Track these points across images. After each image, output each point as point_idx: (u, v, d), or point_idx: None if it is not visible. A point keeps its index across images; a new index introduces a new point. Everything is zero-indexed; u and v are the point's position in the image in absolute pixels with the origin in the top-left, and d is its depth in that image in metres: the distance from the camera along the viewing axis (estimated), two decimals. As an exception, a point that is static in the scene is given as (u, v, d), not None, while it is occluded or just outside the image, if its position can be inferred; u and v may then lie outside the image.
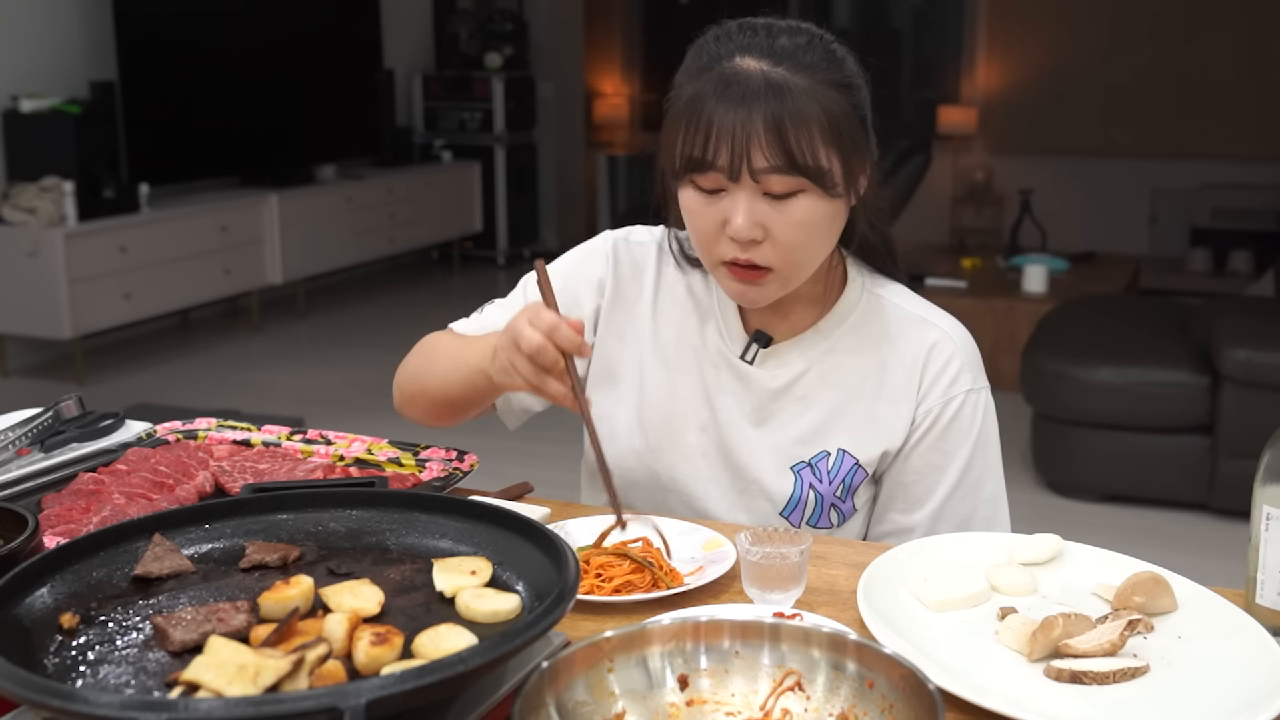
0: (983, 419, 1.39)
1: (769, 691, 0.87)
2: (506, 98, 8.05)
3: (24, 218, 5.17)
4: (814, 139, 1.20)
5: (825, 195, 1.23)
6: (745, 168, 1.20)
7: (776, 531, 1.09)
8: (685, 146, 1.22)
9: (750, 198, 1.22)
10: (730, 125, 1.19)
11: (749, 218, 1.22)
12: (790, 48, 1.23)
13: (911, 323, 1.39)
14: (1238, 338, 3.80)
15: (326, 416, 4.51)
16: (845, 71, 1.26)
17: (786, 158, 1.19)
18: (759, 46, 1.22)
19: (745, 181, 1.21)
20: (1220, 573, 1.40)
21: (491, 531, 1.00)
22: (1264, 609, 1.04)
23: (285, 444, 1.44)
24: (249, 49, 6.48)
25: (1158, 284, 7.08)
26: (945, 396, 1.37)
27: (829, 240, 1.30)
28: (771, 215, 1.23)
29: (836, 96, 1.23)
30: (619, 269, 1.45)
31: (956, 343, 1.38)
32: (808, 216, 1.23)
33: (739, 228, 1.22)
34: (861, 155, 1.28)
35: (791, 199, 1.22)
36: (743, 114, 1.19)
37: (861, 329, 1.39)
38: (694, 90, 1.22)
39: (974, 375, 1.39)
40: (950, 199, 8.30)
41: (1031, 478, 4.29)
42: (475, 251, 8.24)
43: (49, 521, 1.20)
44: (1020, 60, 8.18)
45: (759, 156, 1.19)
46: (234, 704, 0.70)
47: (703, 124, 1.20)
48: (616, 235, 1.48)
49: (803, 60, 1.22)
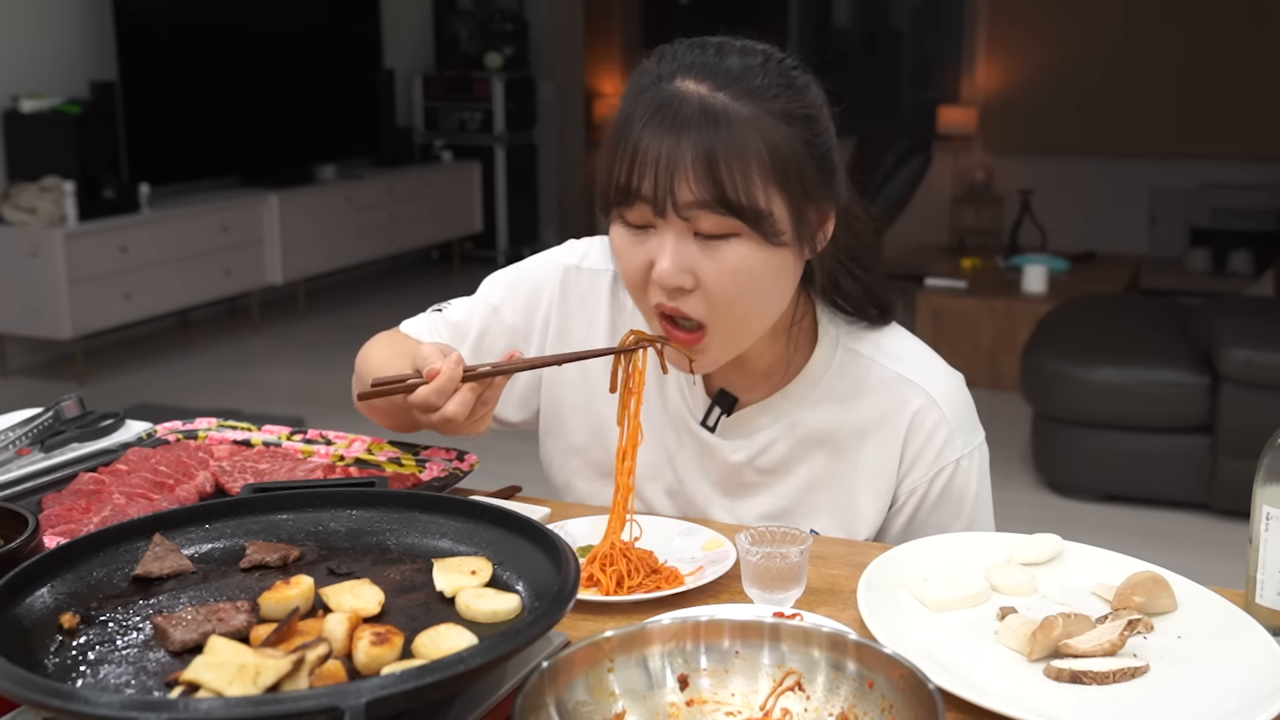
0: (976, 483, 1.28)
1: (769, 691, 0.87)
2: (506, 98, 8.05)
3: (24, 218, 5.17)
4: (750, 175, 1.06)
5: (764, 242, 1.09)
6: (670, 201, 1.07)
7: (776, 531, 1.09)
8: (611, 174, 1.10)
9: (678, 237, 1.09)
10: (657, 152, 1.06)
11: (675, 261, 1.09)
12: (738, 71, 1.09)
13: (892, 385, 1.25)
14: (1238, 338, 3.80)
15: (326, 416, 4.51)
16: (801, 102, 1.11)
17: (716, 192, 1.06)
18: (704, 67, 1.09)
19: (672, 218, 1.08)
20: (1220, 573, 1.40)
21: (491, 531, 1.00)
22: (1264, 609, 1.04)
23: (285, 444, 1.44)
24: (249, 49, 6.48)
25: (1158, 284, 7.09)
26: (932, 470, 1.26)
27: (776, 295, 1.16)
28: (701, 260, 1.09)
29: (786, 130, 1.08)
30: (565, 302, 1.35)
31: (943, 405, 1.25)
32: (742, 264, 1.09)
33: (663, 271, 1.09)
34: (818, 199, 1.13)
35: (724, 242, 1.09)
36: (670, 140, 1.06)
37: (835, 394, 1.26)
38: (627, 113, 1.10)
39: (965, 437, 1.27)
40: (950, 199, 8.30)
41: (1031, 478, 4.29)
42: (475, 251, 8.24)
43: (49, 521, 1.20)
44: (1020, 60, 8.18)
45: (684, 188, 1.06)
46: (234, 704, 0.70)
47: (629, 150, 1.08)
48: (569, 261, 1.37)
49: (750, 86, 1.08)
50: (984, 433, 1.30)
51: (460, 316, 1.41)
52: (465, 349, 1.40)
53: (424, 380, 1.13)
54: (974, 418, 1.29)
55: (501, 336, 1.39)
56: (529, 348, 1.38)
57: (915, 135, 6.88)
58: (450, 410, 1.12)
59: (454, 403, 1.13)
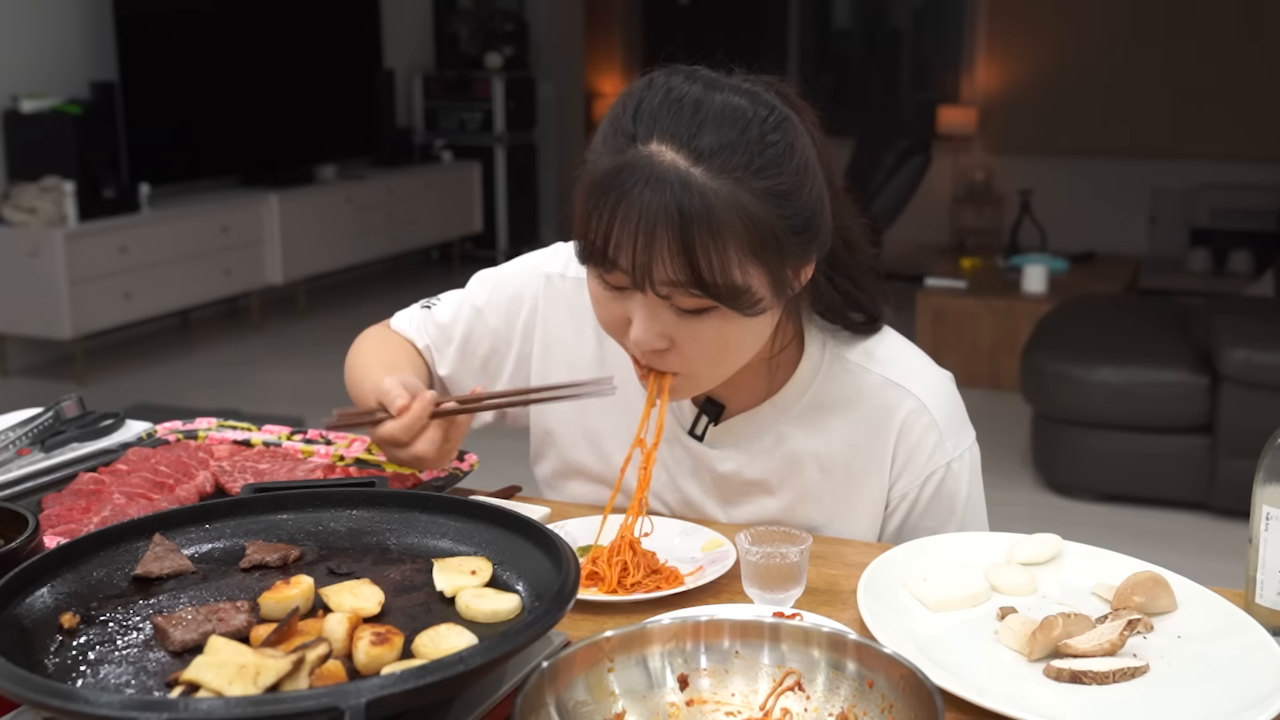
0: (967, 485, 1.27)
1: (769, 691, 0.88)
2: (506, 98, 8.05)
3: (24, 218, 5.17)
4: (727, 255, 1.03)
5: (741, 315, 1.08)
6: (647, 280, 1.05)
7: (776, 531, 1.09)
8: (587, 231, 1.08)
9: (655, 307, 1.08)
10: (634, 230, 1.03)
11: (650, 330, 1.09)
12: (716, 144, 1.04)
13: (880, 390, 1.25)
14: (1238, 338, 3.80)
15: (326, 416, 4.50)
16: (781, 176, 1.06)
17: (692, 276, 1.03)
18: (682, 134, 1.04)
19: (649, 292, 1.07)
20: (1220, 573, 1.40)
21: (491, 531, 1.00)
22: (1264, 609, 1.04)
23: (285, 444, 1.44)
24: (249, 49, 6.48)
25: (1158, 284, 7.09)
26: (923, 474, 1.25)
27: (755, 345, 1.16)
28: (678, 327, 1.09)
29: (764, 208, 1.04)
30: (550, 312, 1.35)
31: (933, 408, 1.24)
32: (719, 334, 1.09)
33: (639, 338, 1.09)
34: (801, 257, 1.11)
35: (701, 316, 1.08)
36: (647, 219, 1.03)
37: (824, 402, 1.25)
38: (604, 171, 1.07)
39: (956, 439, 1.26)
40: (950, 199, 8.30)
41: (1031, 478, 4.29)
42: (475, 251, 8.24)
43: (49, 521, 1.20)
44: (1020, 60, 8.18)
45: (661, 270, 1.04)
46: (234, 704, 0.70)
47: (605, 219, 1.05)
48: (551, 269, 1.35)
49: (728, 162, 1.03)
50: (974, 432, 1.30)
51: (447, 318, 1.42)
52: (451, 350, 1.41)
53: (390, 415, 1.16)
54: (964, 418, 1.29)
55: (485, 340, 1.40)
56: (510, 352, 1.39)
57: (915, 135, 6.88)
58: (419, 449, 1.17)
59: (423, 441, 1.17)
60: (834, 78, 9.01)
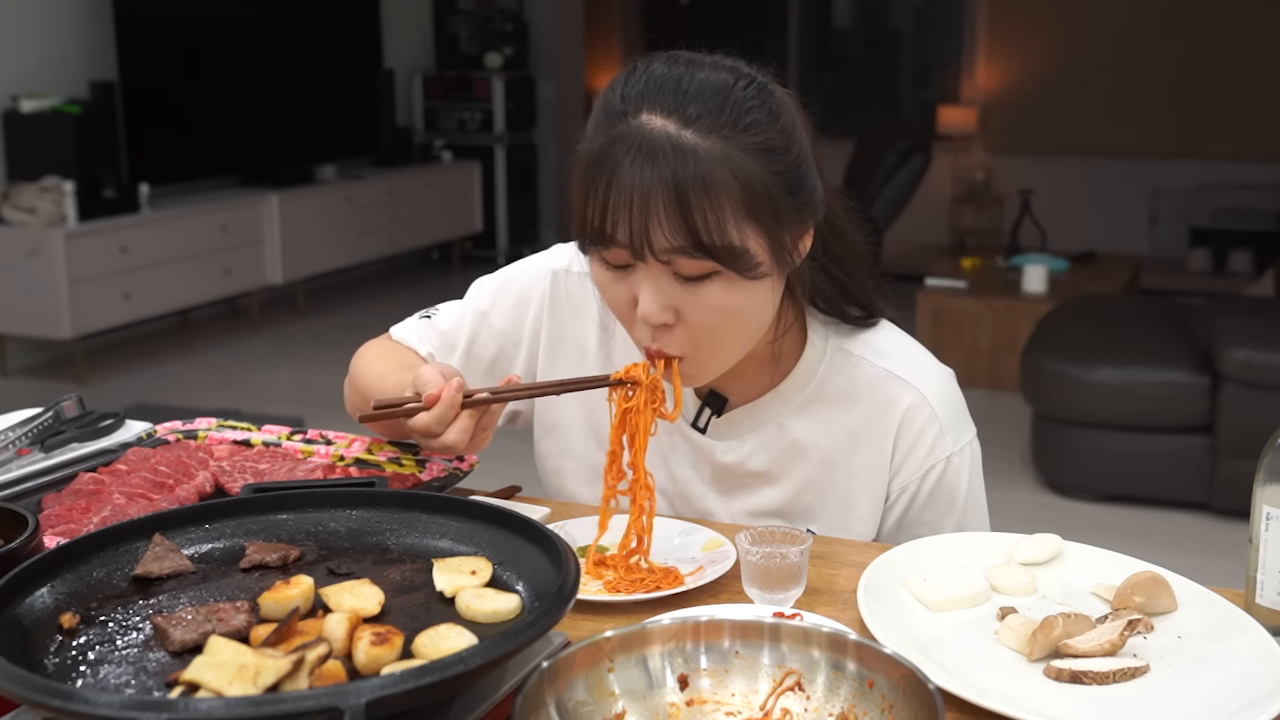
0: (968, 480, 1.28)
1: (769, 691, 0.88)
2: (506, 98, 8.05)
3: (24, 218, 5.18)
4: (724, 215, 1.05)
5: (743, 278, 1.10)
6: (647, 247, 1.06)
7: (776, 531, 1.09)
8: (585, 214, 1.10)
9: (658, 277, 1.10)
10: (629, 198, 1.05)
11: (656, 300, 1.10)
12: (704, 104, 1.07)
13: (882, 383, 1.26)
14: (1238, 338, 3.80)
15: (326, 416, 4.50)
16: (770, 131, 1.09)
17: (691, 237, 1.05)
18: (669, 100, 1.07)
19: (650, 261, 1.08)
20: (1220, 573, 1.40)
21: (491, 531, 1.00)
22: (1264, 609, 1.04)
23: (285, 444, 1.44)
24: (249, 49, 6.49)
25: (1158, 284, 7.09)
26: (924, 466, 1.26)
27: (757, 321, 1.17)
28: (683, 296, 1.10)
29: (756, 165, 1.07)
30: (555, 308, 1.35)
31: (934, 402, 1.25)
32: (723, 301, 1.10)
33: (646, 311, 1.10)
34: (794, 223, 1.13)
35: (704, 281, 1.09)
36: (641, 186, 1.05)
37: (826, 394, 1.27)
38: (596, 149, 1.09)
39: (956, 433, 1.27)
40: (950, 199, 8.30)
41: (1031, 478, 4.29)
42: (475, 251, 8.24)
43: (49, 521, 1.20)
44: (1020, 60, 8.18)
45: (660, 235, 1.06)
46: (234, 704, 0.70)
47: (600, 193, 1.07)
48: (556, 265, 1.37)
49: (717, 121, 1.06)
50: (975, 429, 1.30)
51: (449, 324, 1.41)
52: (455, 356, 1.40)
53: (424, 405, 1.15)
54: (965, 414, 1.29)
55: (491, 343, 1.40)
56: (518, 353, 1.39)
57: (915, 135, 6.88)
58: (450, 439, 1.16)
59: (454, 431, 1.16)
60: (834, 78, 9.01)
